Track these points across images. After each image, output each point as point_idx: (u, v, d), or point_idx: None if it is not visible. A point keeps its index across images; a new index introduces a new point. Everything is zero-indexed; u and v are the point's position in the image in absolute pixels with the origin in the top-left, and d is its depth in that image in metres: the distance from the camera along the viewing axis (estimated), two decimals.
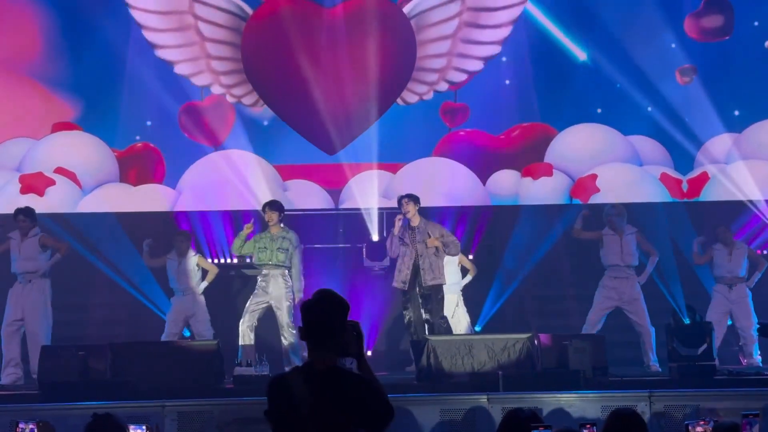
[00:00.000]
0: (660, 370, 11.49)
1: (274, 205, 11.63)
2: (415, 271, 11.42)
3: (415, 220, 11.55)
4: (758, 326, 8.29)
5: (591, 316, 11.89)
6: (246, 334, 11.31)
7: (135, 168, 14.55)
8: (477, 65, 14.74)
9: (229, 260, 13.26)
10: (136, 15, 14.37)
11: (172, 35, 14.45)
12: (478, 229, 13.52)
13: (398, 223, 11.49)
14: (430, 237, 11.39)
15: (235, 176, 13.91)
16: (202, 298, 12.05)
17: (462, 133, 15.10)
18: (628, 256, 11.86)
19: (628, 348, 12.04)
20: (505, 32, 14.59)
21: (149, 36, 14.40)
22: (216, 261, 13.13)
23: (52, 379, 10.06)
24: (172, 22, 14.44)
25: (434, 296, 11.41)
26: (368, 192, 14.01)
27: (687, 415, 8.20)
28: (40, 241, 11.48)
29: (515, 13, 14.59)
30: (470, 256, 12.96)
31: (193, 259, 12.09)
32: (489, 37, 14.63)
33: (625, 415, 5.27)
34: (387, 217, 13.32)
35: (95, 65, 14.35)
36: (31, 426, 6.59)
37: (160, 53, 14.49)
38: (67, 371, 10.14)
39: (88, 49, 14.34)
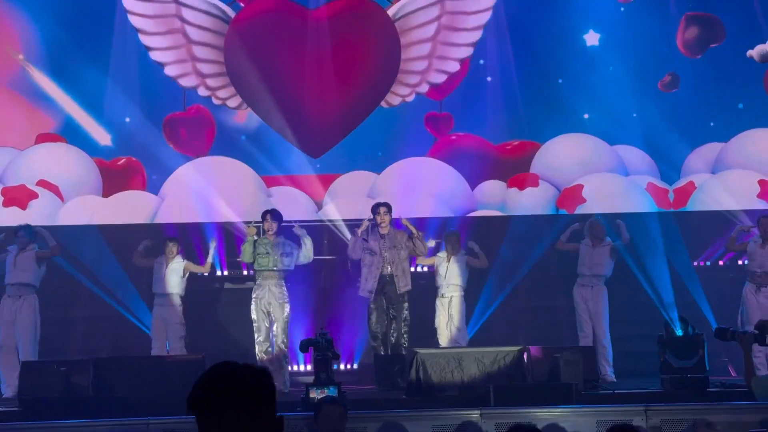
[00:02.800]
0: (615, 380, 11.43)
1: (275, 215, 11.47)
2: (381, 280, 11.31)
3: (386, 229, 11.44)
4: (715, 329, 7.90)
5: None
6: (264, 349, 11.21)
7: (117, 182, 14.33)
8: (454, 66, 14.64)
9: (218, 273, 13.05)
10: (133, 20, 14.19)
11: (162, 38, 14.26)
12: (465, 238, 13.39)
13: (364, 225, 11.37)
14: (400, 242, 11.33)
15: (219, 182, 13.71)
16: (179, 308, 11.82)
17: (453, 137, 14.99)
18: (597, 267, 11.77)
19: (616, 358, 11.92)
20: (477, 35, 14.55)
21: (143, 39, 14.24)
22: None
23: (33, 396, 9.85)
24: (161, 26, 14.24)
25: (402, 305, 11.36)
26: (349, 203, 13.85)
27: (684, 431, 8.04)
28: (36, 255, 11.63)
29: (485, 18, 14.53)
30: None
31: (179, 264, 11.91)
32: (464, 40, 14.56)
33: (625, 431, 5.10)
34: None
35: (78, 75, 14.15)
36: None
37: (153, 55, 14.29)
38: (49, 387, 9.97)
39: (71, 58, 14.14)
